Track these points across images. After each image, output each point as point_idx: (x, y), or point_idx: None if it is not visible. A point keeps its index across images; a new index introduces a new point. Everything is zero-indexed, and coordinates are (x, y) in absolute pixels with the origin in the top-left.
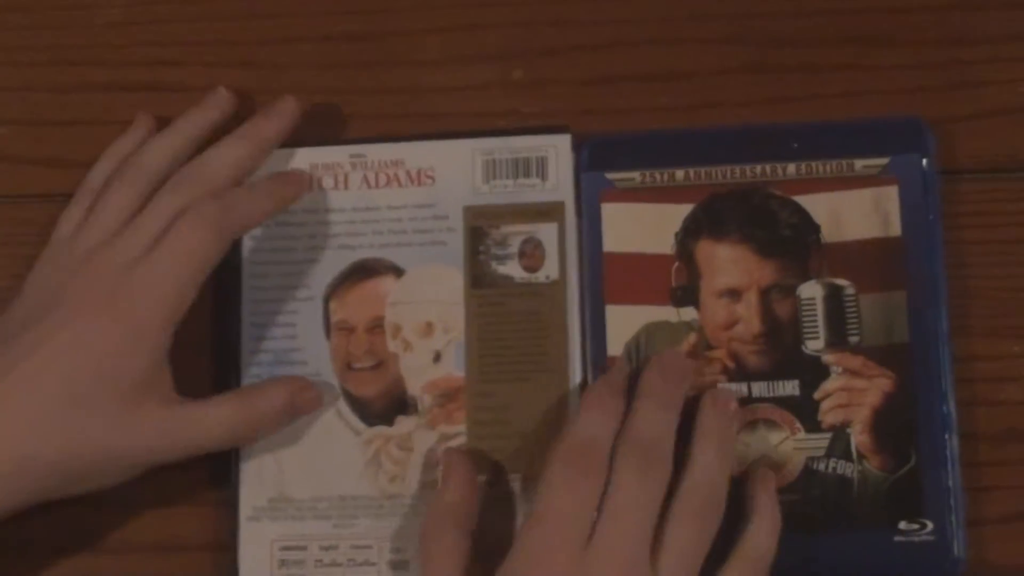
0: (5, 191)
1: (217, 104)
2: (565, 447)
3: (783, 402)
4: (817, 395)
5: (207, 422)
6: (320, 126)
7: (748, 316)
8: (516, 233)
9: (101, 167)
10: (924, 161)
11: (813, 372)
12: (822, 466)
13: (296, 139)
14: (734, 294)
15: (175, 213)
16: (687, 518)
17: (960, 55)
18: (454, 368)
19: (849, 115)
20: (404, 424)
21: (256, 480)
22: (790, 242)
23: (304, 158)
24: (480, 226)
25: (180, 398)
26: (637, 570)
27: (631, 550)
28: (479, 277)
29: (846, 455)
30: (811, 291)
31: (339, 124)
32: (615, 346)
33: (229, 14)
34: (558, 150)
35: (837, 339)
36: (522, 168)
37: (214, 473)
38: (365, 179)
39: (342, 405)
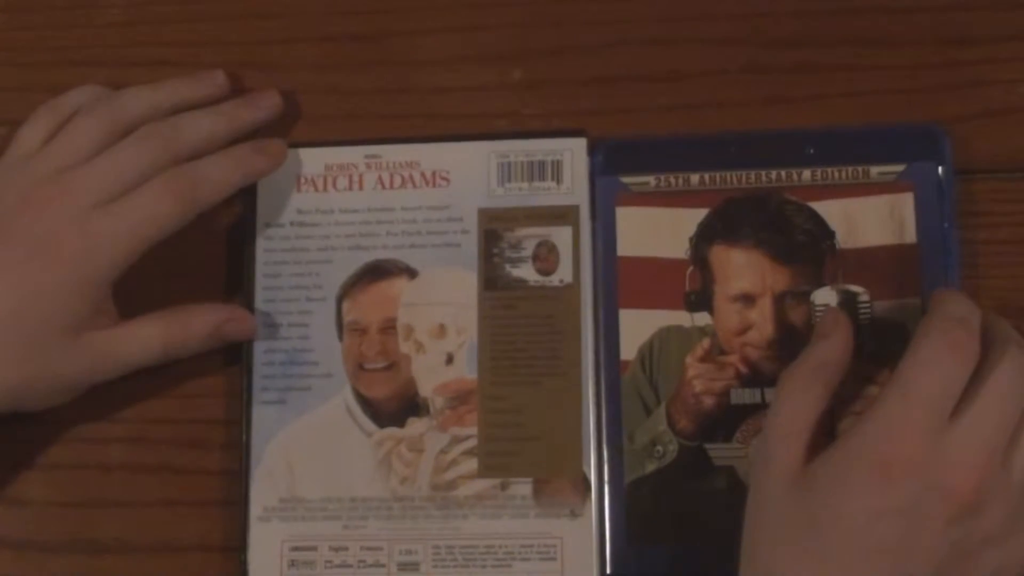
0: None
1: (211, 84)
2: (940, 320)
3: None
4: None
5: (140, 340)
6: (320, 126)
7: (762, 322)
8: (530, 236)
9: (75, 95)
10: (940, 169)
11: None
12: None
13: (306, 139)
14: (748, 299)
15: (141, 168)
16: None
17: (960, 55)
18: (466, 370)
19: (849, 115)
20: (415, 426)
21: (267, 480)
22: (805, 248)
23: (319, 158)
24: (494, 228)
25: (118, 319)
26: (993, 460)
27: (994, 439)
28: (493, 279)
29: None
30: (825, 297)
31: (338, 124)
32: (628, 350)
33: (229, 14)
34: (573, 153)
35: None
36: (537, 171)
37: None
38: (380, 180)
39: (353, 406)
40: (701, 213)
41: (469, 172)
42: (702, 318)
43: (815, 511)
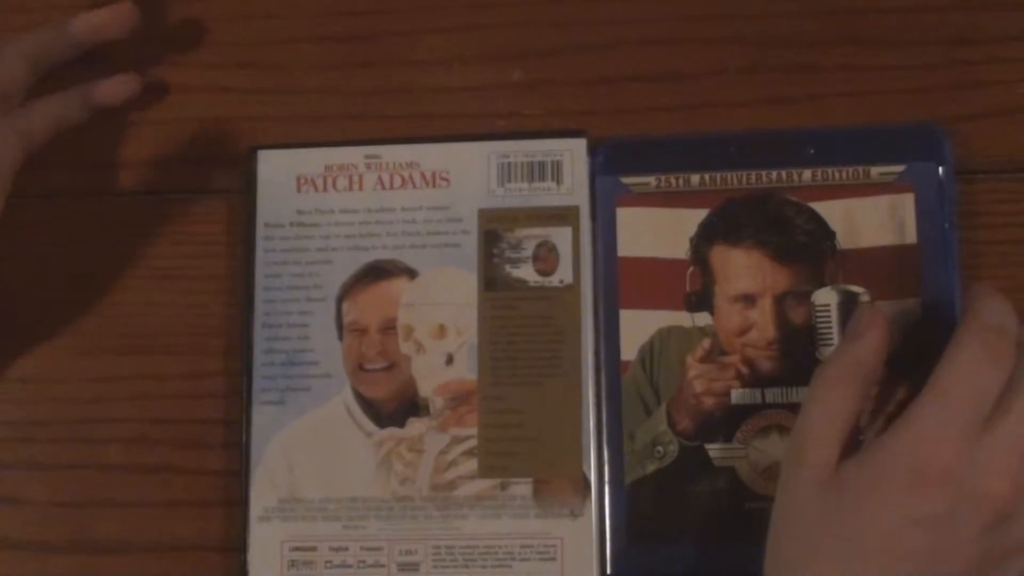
0: None
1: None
2: (978, 328)
3: (797, 408)
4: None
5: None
6: (320, 126)
7: (762, 322)
8: (530, 236)
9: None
10: (940, 169)
11: None
12: None
13: (306, 139)
14: (748, 300)
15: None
16: None
17: (960, 55)
18: (466, 371)
19: (849, 115)
20: (415, 426)
21: (267, 480)
22: (805, 248)
23: (319, 158)
24: (495, 229)
25: None
26: None
27: None
28: (493, 280)
29: None
30: (826, 297)
31: (338, 124)
32: (628, 350)
33: (229, 14)
34: (573, 154)
35: None
36: (537, 171)
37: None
38: (380, 180)
39: (353, 406)
40: (702, 213)
41: (469, 172)
42: (702, 318)
43: (846, 516)
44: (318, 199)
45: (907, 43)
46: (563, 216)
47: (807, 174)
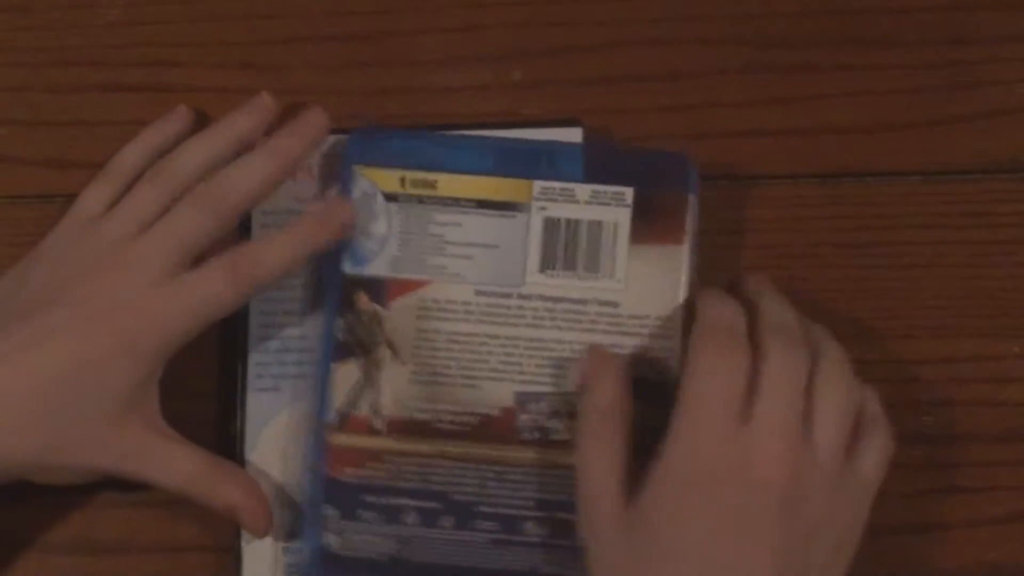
0: (5, 191)
1: (261, 110)
2: (705, 332)
3: None
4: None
5: (170, 466)
6: None
7: None
8: None
9: (130, 151)
10: None
11: None
12: None
13: None
14: None
15: (196, 237)
16: (833, 381)
17: (960, 55)
18: None
19: (849, 115)
20: None
21: (261, 468)
22: None
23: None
24: None
25: (159, 423)
26: (796, 444)
27: (787, 426)
28: None
29: None
30: None
31: (338, 124)
32: None
33: (229, 14)
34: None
35: None
36: None
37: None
38: None
39: None
40: None
41: None
42: None
43: (648, 548)
44: (315, 187)
45: (906, 43)
46: None
47: None
